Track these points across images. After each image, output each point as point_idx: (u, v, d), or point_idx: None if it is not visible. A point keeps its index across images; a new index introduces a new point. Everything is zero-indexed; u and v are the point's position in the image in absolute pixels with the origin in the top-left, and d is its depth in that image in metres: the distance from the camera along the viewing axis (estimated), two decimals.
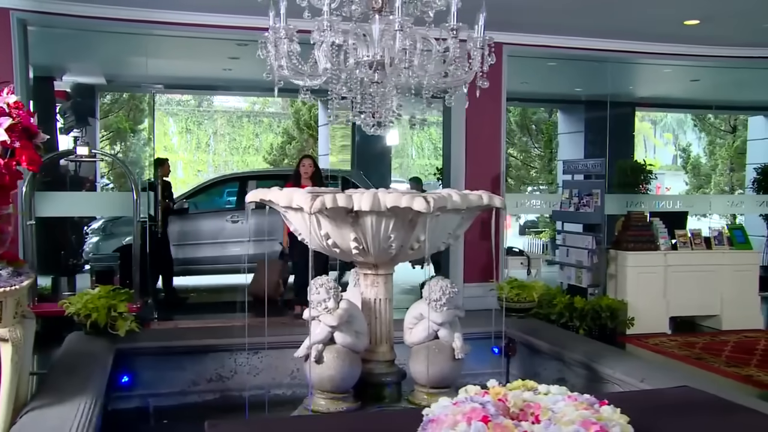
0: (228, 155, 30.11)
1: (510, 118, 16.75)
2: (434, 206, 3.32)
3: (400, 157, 27.34)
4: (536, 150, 16.76)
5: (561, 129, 15.34)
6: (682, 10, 7.71)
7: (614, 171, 12.88)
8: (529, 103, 16.05)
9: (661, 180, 28.78)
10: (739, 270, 7.87)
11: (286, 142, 17.57)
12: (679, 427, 2.35)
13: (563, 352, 4.66)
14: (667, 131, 32.81)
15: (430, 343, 3.79)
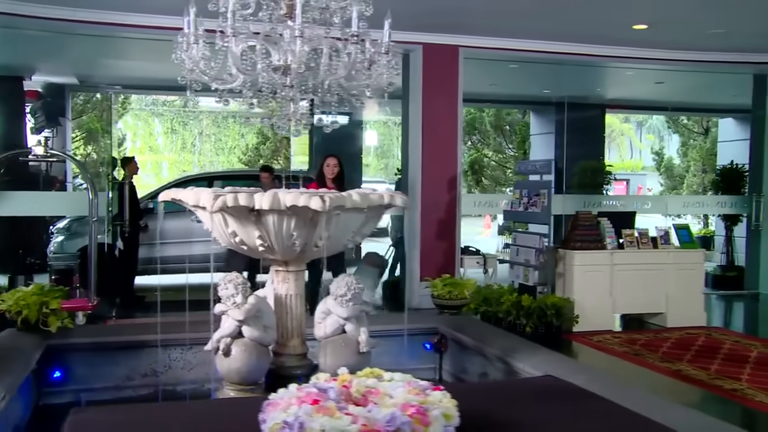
0: (213, 155, 30.21)
1: (485, 119, 16.95)
2: (331, 205, 3.46)
3: (386, 157, 27.49)
4: (510, 151, 16.95)
5: (533, 130, 15.53)
6: (631, 15, 7.89)
7: (576, 172, 13.12)
8: (502, 105, 16.24)
9: (643, 181, 29.03)
10: (684, 269, 8.02)
11: (260, 142, 17.72)
12: (528, 410, 2.50)
13: (484, 348, 4.82)
14: (651, 133, 33.04)
15: (337, 337, 3.94)
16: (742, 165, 11.20)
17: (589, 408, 2.51)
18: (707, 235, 16.16)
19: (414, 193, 8.93)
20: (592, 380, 3.90)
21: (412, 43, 8.83)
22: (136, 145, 30.40)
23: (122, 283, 8.93)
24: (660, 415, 3.28)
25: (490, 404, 2.48)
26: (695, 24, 8.10)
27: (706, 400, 5.50)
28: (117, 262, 8.83)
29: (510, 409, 2.45)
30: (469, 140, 17.30)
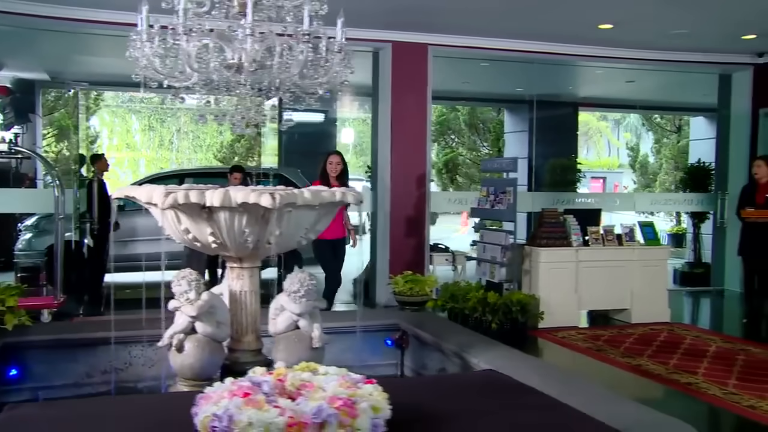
0: (192, 153, 30.07)
1: (459, 118, 17.03)
2: (281, 202, 3.50)
3: (365, 155, 27.47)
4: (485, 149, 17.05)
5: (507, 128, 15.64)
6: (596, 15, 7.98)
7: (547, 169, 13.24)
8: (476, 103, 16.32)
9: (620, 178, 29.25)
10: (649, 265, 8.14)
11: (235, 140, 17.70)
12: (462, 404, 2.55)
13: (441, 344, 4.87)
14: (628, 131, 33.34)
15: (290, 333, 3.98)
16: (709, 163, 11.35)
17: (525, 402, 2.57)
18: (679, 232, 16.37)
19: (383, 190, 8.99)
20: (544, 375, 3.95)
21: (381, 41, 8.88)
22: (113, 142, 30.22)
23: (91, 281, 8.90)
24: (606, 409, 3.34)
25: (426, 398, 2.52)
26: (658, 24, 8.21)
27: (661, 395, 5.61)
28: (86, 260, 8.79)
29: (444, 403, 2.50)
30: (443, 138, 17.37)
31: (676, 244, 15.94)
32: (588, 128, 29.46)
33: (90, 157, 9.80)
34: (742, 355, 6.62)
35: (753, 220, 7.74)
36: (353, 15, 8.04)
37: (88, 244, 8.85)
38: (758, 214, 7.67)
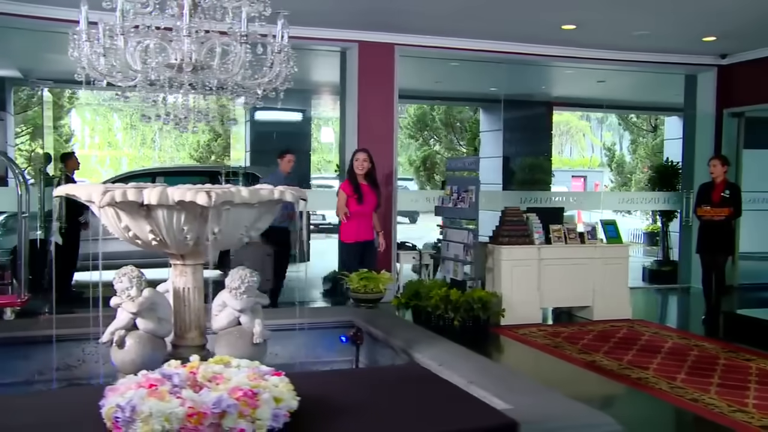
0: (174, 151, 30.06)
1: (435, 117, 17.13)
2: (218, 201, 3.55)
3: None
4: (462, 147, 17.16)
5: (483, 127, 15.75)
6: (559, 16, 8.08)
7: (520, 168, 13.36)
8: (453, 102, 16.43)
9: (601, 177, 29.42)
10: (611, 263, 8.25)
11: (211, 139, 17.74)
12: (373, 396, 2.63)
13: (390, 340, 4.95)
14: (610, 130, 33.55)
15: (232, 328, 4.04)
16: (678, 162, 11.49)
17: (434, 393, 2.65)
18: (654, 230, 16.52)
19: None
20: (481, 370, 4.05)
21: (348, 41, 8.95)
22: (95, 140, 30.17)
23: (60, 279, 8.91)
24: (531, 401, 3.45)
25: (339, 390, 2.60)
26: (620, 25, 8.33)
27: (609, 390, 5.71)
28: (53, 258, 8.80)
29: (354, 395, 2.57)
30: (421, 136, 17.48)
31: (651, 242, 16.11)
32: (569, 127, 29.63)
33: (60, 156, 9.80)
34: (696, 351, 6.75)
35: (709, 218, 7.88)
36: (320, 15, 8.22)
37: (56, 243, 8.86)
38: (713, 212, 7.81)
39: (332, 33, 8.81)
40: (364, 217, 7.39)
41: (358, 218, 7.36)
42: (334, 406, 2.51)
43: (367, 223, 7.40)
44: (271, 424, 2.22)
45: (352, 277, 5.95)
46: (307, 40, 8.80)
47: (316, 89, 13.30)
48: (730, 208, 7.84)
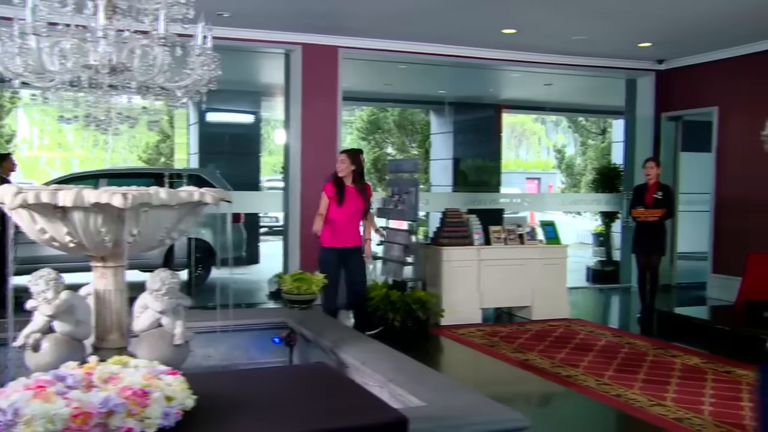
0: (127, 153, 29.65)
1: (389, 118, 17.23)
2: (133, 202, 3.55)
3: None
4: (413, 149, 17.28)
5: (433, 129, 15.88)
6: (498, 20, 8.19)
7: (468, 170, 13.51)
8: (404, 105, 16.54)
9: (554, 179, 29.83)
10: (549, 264, 8.40)
11: (161, 140, 17.58)
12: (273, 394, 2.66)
13: (319, 340, 4.99)
14: (565, 133, 34.02)
15: (153, 330, 4.04)
16: (620, 164, 11.73)
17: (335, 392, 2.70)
18: (600, 232, 16.80)
19: (295, 190, 9.08)
20: (400, 368, 4.12)
21: (291, 44, 8.97)
22: (44, 141, 29.62)
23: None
24: (443, 398, 3.52)
25: (240, 389, 2.63)
26: (559, 30, 8.48)
27: (537, 387, 5.84)
28: None
29: (256, 394, 2.61)
30: (373, 138, 17.56)
31: (598, 243, 16.38)
32: (523, 129, 29.99)
33: None
34: (626, 348, 6.91)
35: (643, 219, 8.07)
36: (264, 17, 8.21)
37: None
38: (647, 213, 8.01)
39: (276, 35, 8.83)
40: (344, 221, 6.84)
41: (336, 222, 6.83)
42: (232, 404, 2.54)
43: (348, 228, 6.84)
44: (161, 422, 2.24)
45: (284, 278, 5.98)
46: (251, 42, 8.81)
47: (267, 91, 13.28)
48: (663, 209, 8.04)
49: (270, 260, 12.21)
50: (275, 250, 13.57)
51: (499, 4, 7.40)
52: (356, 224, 6.92)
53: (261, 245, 13.82)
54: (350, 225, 6.86)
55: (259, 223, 14.22)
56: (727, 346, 6.98)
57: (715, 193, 9.81)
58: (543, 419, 5.16)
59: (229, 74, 11.93)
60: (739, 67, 9.30)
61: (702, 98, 9.90)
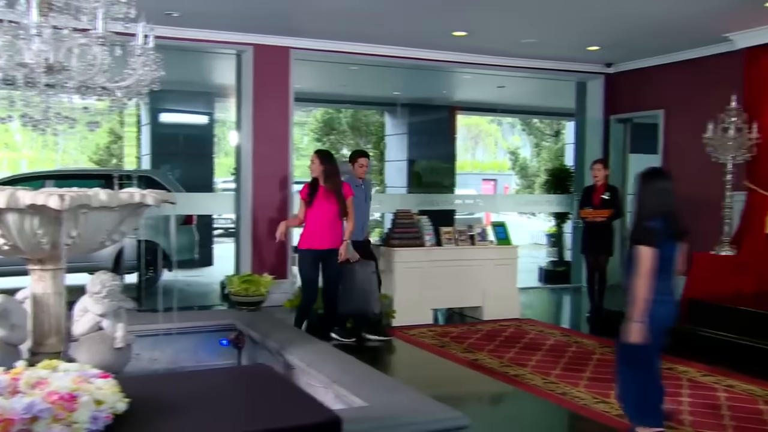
0: (79, 154, 29.10)
1: (342, 120, 17.22)
2: (71, 204, 3.49)
3: None
4: (368, 151, 17.28)
5: (388, 131, 15.92)
6: (448, 23, 8.22)
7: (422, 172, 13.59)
8: (358, 106, 16.55)
9: (510, 180, 30.14)
10: (500, 264, 8.47)
11: (112, 141, 17.32)
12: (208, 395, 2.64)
13: (267, 342, 4.97)
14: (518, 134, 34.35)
15: (93, 333, 3.99)
16: (570, 166, 11.90)
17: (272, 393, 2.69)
18: (553, 232, 17.04)
19: (246, 192, 9.02)
20: (343, 369, 4.14)
21: (243, 44, 8.90)
22: None
23: None
24: (382, 398, 3.54)
25: (177, 392, 2.61)
26: (508, 33, 8.57)
27: (486, 387, 5.89)
28: None
29: (193, 396, 2.59)
30: (328, 139, 17.53)
31: (551, 243, 16.60)
32: (479, 131, 30.22)
33: None
34: (574, 348, 7.01)
35: (591, 219, 8.21)
36: (214, 17, 8.14)
37: None
38: (595, 213, 8.15)
39: (227, 36, 8.75)
40: (318, 223, 6.71)
41: (311, 225, 6.74)
42: (167, 407, 2.52)
43: (324, 230, 6.69)
44: (89, 426, 2.21)
45: (233, 279, 5.95)
46: (201, 42, 8.72)
47: (221, 92, 13.16)
48: (611, 210, 8.18)
49: (224, 262, 12.10)
50: (230, 252, 13.47)
51: (449, 7, 7.44)
52: (333, 226, 6.75)
53: (215, 247, 13.70)
54: (326, 227, 6.70)
55: (213, 225, 14.09)
56: (671, 344, 7.12)
57: None
58: (489, 419, 5.21)
59: (181, 75, 11.89)
60: (684, 72, 9.51)
61: (649, 101, 10.11)
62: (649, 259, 4.17)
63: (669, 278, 4.35)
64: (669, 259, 4.32)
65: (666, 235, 4.28)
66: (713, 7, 7.22)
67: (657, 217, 4.28)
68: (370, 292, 7.19)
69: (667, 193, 4.42)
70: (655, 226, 4.25)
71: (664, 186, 4.46)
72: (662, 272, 4.24)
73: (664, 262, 4.25)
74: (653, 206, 4.34)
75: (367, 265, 7.22)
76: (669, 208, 4.37)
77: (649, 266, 4.17)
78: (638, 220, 4.41)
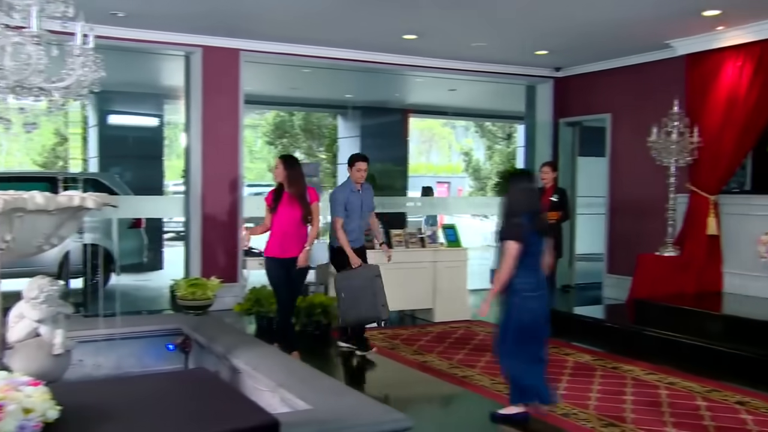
0: (23, 156, 28.42)
1: (294, 123, 17.16)
2: (5, 207, 3.41)
3: None
4: (321, 154, 17.27)
5: (341, 134, 15.91)
6: (398, 26, 8.25)
7: (376, 174, 13.59)
8: (311, 108, 16.50)
9: (464, 183, 30.37)
10: (450, 266, 8.53)
11: (58, 143, 16.96)
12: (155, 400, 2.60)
13: (212, 346, 4.92)
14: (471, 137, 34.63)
15: (30, 340, 3.89)
16: (521, 168, 12.03)
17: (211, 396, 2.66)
18: None
19: (195, 194, 8.92)
20: (289, 372, 4.11)
21: (191, 46, 8.81)
22: None
23: None
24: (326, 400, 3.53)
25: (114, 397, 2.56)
26: (458, 36, 8.63)
27: (434, 388, 5.91)
28: None
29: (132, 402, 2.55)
30: (281, 142, 17.46)
31: None
32: (432, 134, 30.39)
33: None
34: None
35: None
36: (162, 18, 8.02)
37: None
38: None
39: (175, 37, 8.65)
40: (284, 230, 6.42)
41: (276, 232, 6.46)
42: (102, 413, 2.47)
43: (290, 237, 6.36)
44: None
45: (179, 283, 5.87)
46: (148, 43, 8.59)
47: (171, 94, 12.97)
48: (559, 212, 8.29)
49: (175, 266, 11.93)
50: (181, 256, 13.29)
51: (399, 10, 7.47)
52: (298, 232, 6.43)
53: (166, 251, 13.51)
54: (289, 234, 6.38)
55: (163, 228, 13.89)
56: (617, 343, 7.27)
57: (609, 197, 10.19)
58: (437, 420, 5.24)
59: (130, 76, 11.66)
60: (629, 77, 9.71)
61: (596, 105, 10.29)
62: (515, 251, 4.57)
63: (538, 272, 4.80)
64: (536, 253, 4.75)
65: (531, 231, 4.67)
66: (654, 14, 7.38)
67: (523, 214, 4.68)
68: (377, 297, 6.68)
69: (532, 192, 4.92)
70: (521, 223, 4.64)
71: (529, 187, 4.92)
72: (531, 266, 4.70)
73: (531, 256, 4.68)
74: (519, 205, 4.76)
75: (370, 268, 6.85)
76: (534, 207, 4.84)
77: (513, 258, 4.58)
78: (506, 218, 4.78)
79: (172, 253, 13.38)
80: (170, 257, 13.08)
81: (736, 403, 5.32)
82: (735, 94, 7.96)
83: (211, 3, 7.35)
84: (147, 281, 11.87)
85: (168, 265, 12.77)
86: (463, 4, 7.20)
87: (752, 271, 7.96)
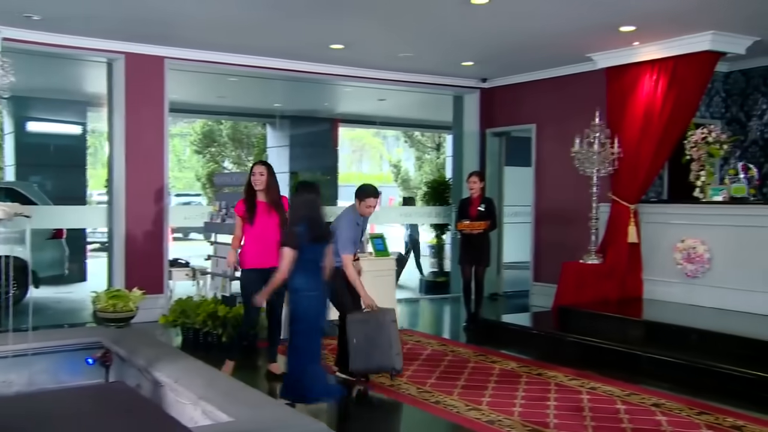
0: None
1: (222, 131, 16.96)
2: None
3: None
4: (249, 163, 17.12)
5: (269, 143, 15.79)
6: (325, 35, 8.24)
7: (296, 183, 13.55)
8: (239, 117, 16.34)
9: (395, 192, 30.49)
10: (379, 275, 8.50)
11: None
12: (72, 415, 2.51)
13: (133, 359, 4.80)
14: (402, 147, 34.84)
15: None
16: (449, 178, 12.18)
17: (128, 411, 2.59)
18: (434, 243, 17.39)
19: (119, 204, 8.71)
20: (211, 384, 4.05)
21: (114, 52, 8.61)
22: None
23: None
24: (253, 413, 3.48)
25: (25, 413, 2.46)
26: (384, 47, 8.69)
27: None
28: None
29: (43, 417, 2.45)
30: (209, 151, 17.22)
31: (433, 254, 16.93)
32: (362, 144, 30.49)
33: None
34: (450, 356, 7.14)
35: (467, 231, 8.41)
36: (82, 23, 7.82)
37: None
38: (471, 226, 8.35)
39: (96, 43, 8.43)
40: (264, 240, 6.17)
41: (257, 243, 6.22)
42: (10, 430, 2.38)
43: (270, 247, 6.00)
44: None
45: (100, 295, 5.71)
46: (68, 48, 8.34)
47: (94, 101, 12.63)
48: (487, 222, 8.41)
49: (100, 278, 11.59)
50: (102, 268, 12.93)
51: (326, 20, 7.46)
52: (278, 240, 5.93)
53: (89, 262, 13.12)
54: (271, 243, 6.02)
55: (87, 239, 13.49)
56: (543, 350, 7.41)
57: (534, 206, 10.40)
58: (360, 429, 5.23)
59: (50, 82, 11.30)
60: (553, 88, 9.95)
61: (521, 116, 10.50)
62: (290, 257, 4.97)
63: (316, 275, 5.13)
64: (313, 259, 5.10)
65: (309, 239, 5.02)
66: (575, 28, 7.59)
67: (302, 223, 5.04)
68: (392, 345, 6.00)
69: (312, 203, 5.19)
70: (298, 231, 5.00)
71: (311, 197, 5.21)
72: (309, 270, 5.06)
73: (308, 262, 5.04)
74: (300, 214, 5.13)
75: (386, 313, 6.20)
76: (313, 216, 5.14)
77: (288, 263, 4.97)
78: (288, 226, 5.21)
79: (97, 264, 12.99)
80: (94, 269, 12.69)
81: (653, 405, 5.48)
82: (651, 107, 8.25)
83: (133, 8, 7.19)
84: (69, 293, 11.50)
85: (92, 276, 12.39)
86: (388, 15, 7.25)
87: (670, 277, 8.23)
